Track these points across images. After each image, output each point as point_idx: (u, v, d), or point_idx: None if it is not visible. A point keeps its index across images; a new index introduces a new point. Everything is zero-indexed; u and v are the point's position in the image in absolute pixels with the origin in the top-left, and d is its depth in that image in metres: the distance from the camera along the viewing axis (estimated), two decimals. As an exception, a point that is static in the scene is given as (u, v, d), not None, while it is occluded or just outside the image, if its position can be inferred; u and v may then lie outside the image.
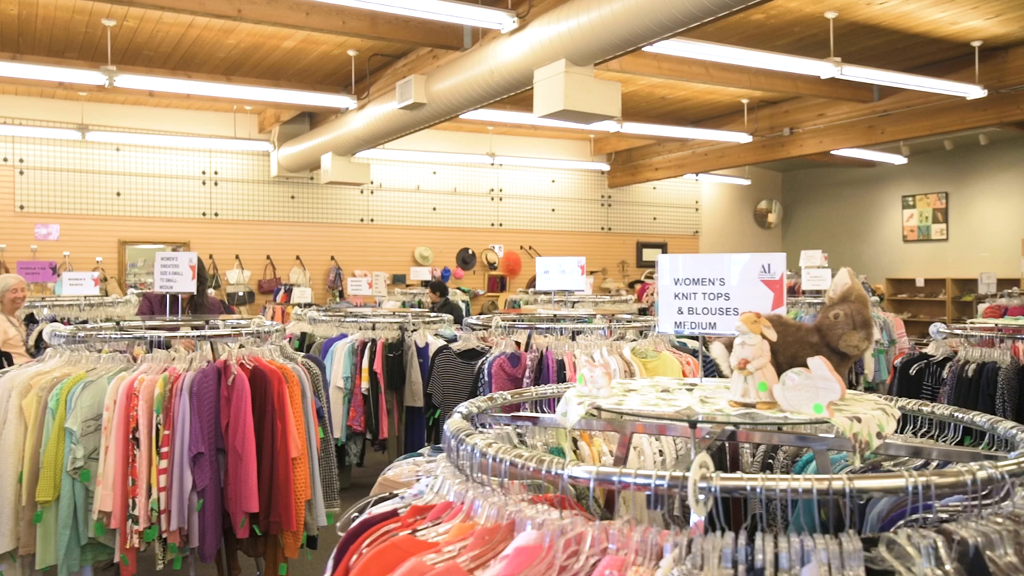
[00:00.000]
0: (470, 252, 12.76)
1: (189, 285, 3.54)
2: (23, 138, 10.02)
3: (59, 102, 10.09)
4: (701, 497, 1.15)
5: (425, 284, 10.62)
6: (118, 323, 3.45)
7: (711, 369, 3.93)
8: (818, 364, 1.40)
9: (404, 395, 5.59)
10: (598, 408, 1.58)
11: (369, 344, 5.48)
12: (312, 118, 10.91)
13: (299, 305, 9.13)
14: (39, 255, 9.91)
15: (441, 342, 5.66)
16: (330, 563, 1.50)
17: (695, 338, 2.36)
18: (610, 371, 1.74)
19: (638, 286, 12.17)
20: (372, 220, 12.16)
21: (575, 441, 2.09)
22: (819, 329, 1.58)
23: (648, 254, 14.05)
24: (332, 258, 11.81)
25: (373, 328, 5.77)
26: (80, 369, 3.11)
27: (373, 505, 1.59)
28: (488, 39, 6.76)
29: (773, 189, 15.51)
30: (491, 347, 4.13)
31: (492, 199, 13.02)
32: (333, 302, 10.83)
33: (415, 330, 5.75)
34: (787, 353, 1.56)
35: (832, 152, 10.95)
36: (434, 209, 12.57)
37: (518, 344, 4.12)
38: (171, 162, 10.89)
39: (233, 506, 3.13)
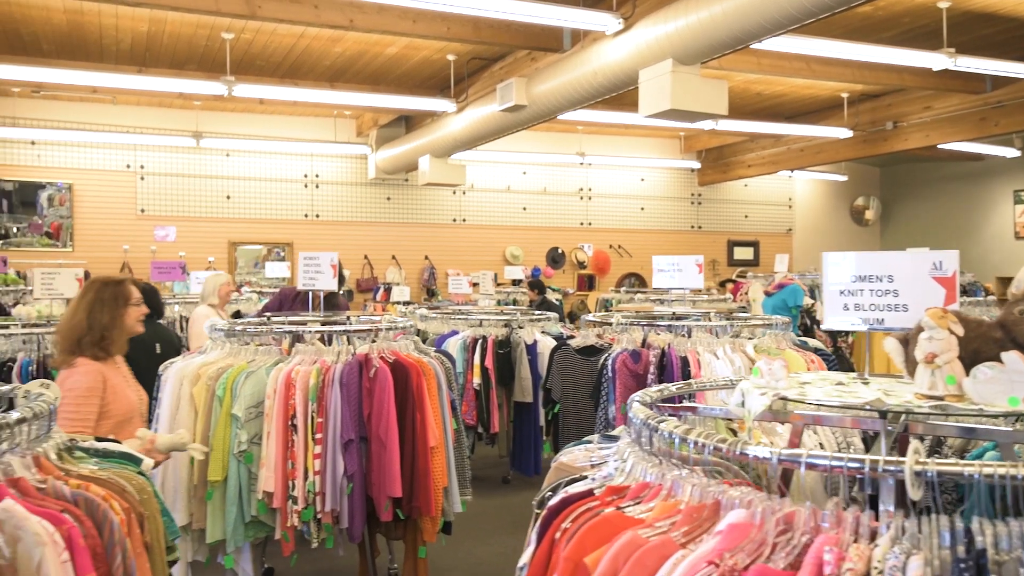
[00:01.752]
0: (560, 251, 12.87)
1: (331, 283, 3.77)
2: (144, 146, 10.69)
3: (176, 111, 10.72)
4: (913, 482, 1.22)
5: (515, 283, 10.79)
6: (269, 319, 3.70)
7: (832, 366, 3.91)
8: (1013, 358, 1.44)
9: (513, 391, 5.74)
10: (783, 399, 1.66)
11: (480, 340, 5.66)
12: (408, 121, 11.23)
13: (400, 303, 9.45)
14: (157, 255, 10.56)
15: (549, 339, 5.79)
16: (533, 536, 1.63)
17: (852, 333, 2.39)
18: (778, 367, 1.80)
19: (730, 285, 12.01)
20: (464, 220, 12.42)
21: (733, 432, 2.17)
22: (1003, 325, 1.61)
23: (739, 252, 13.84)
24: (426, 257, 12.12)
25: (480, 325, 5.95)
26: (241, 360, 3.37)
27: (566, 485, 1.71)
28: (589, 40, 6.84)
29: (871, 185, 15.02)
30: (609, 344, 4.22)
31: (581, 198, 13.09)
32: (427, 301, 11.12)
33: (520, 327, 5.90)
34: (969, 348, 1.59)
35: (938, 146, 10.54)
36: (524, 209, 12.73)
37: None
38: (276, 166, 11.41)
39: (377, 491, 3.33)
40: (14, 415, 1.64)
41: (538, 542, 1.59)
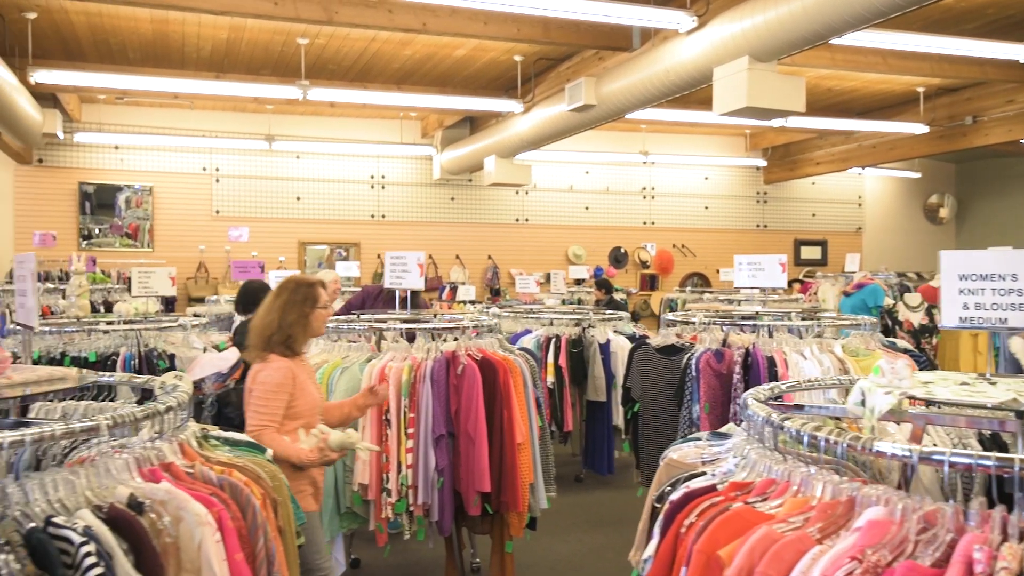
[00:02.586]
0: (622, 251, 12.82)
1: (418, 282, 3.85)
2: (219, 149, 11.05)
3: (249, 115, 11.05)
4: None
5: (578, 282, 10.79)
6: (358, 315, 3.81)
7: (923, 367, 3.82)
8: None
9: (586, 389, 5.76)
10: (911, 397, 1.65)
11: (554, 339, 5.69)
12: (472, 122, 11.34)
13: (466, 302, 9.56)
14: (232, 255, 10.91)
15: (622, 338, 5.80)
16: (657, 530, 1.66)
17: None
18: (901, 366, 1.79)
19: (797, 285, 11.78)
20: (527, 220, 12.48)
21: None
22: None
23: (806, 252, 13.56)
24: (489, 257, 12.22)
25: (551, 324, 5.99)
26: (335, 356, 3.48)
27: (685, 481, 1.73)
28: (660, 39, 6.81)
29: (946, 182, 14.52)
30: (690, 343, 4.20)
31: (644, 197, 13.01)
32: (491, 300, 11.21)
33: (591, 326, 5.91)
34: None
35: (1021, 141, 10.14)
36: (587, 208, 12.72)
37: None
38: (344, 167, 11.66)
39: (465, 486, 3.40)
40: (162, 404, 1.74)
41: (662, 535, 1.62)
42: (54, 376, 1.84)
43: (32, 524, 1.36)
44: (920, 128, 10.14)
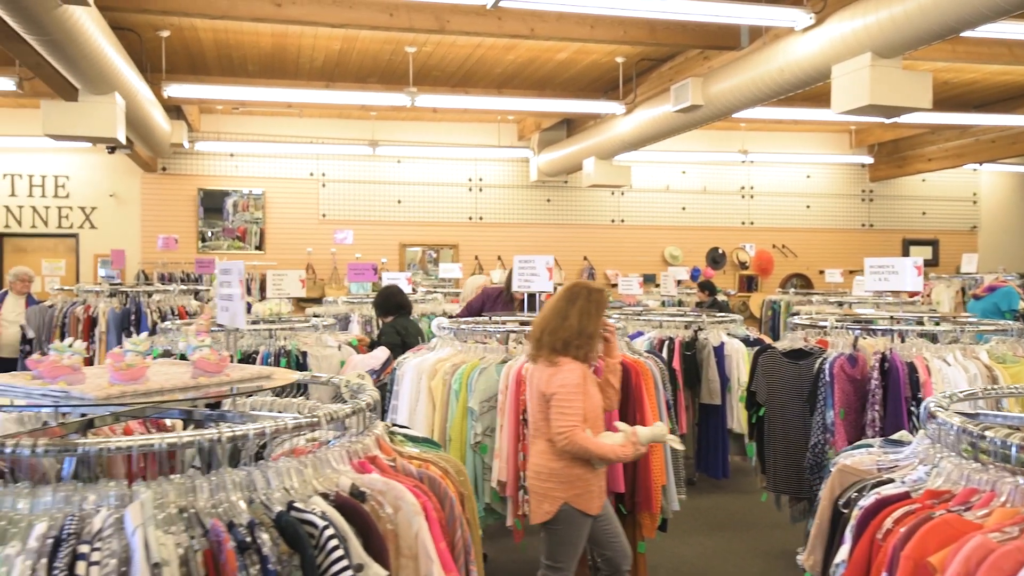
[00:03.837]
0: (720, 251, 12.62)
1: (547, 285, 3.93)
2: (325, 155, 11.50)
3: (354, 122, 11.45)
4: None
5: (678, 283, 10.68)
6: (490, 318, 3.93)
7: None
8: None
9: (699, 392, 5.73)
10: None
11: (667, 342, 5.68)
12: (569, 124, 11.40)
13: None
14: (337, 257, 11.33)
15: (737, 341, 5.73)
16: (849, 535, 1.67)
17: None
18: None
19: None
20: (623, 221, 12.45)
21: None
22: None
23: (916, 251, 12.99)
24: (585, 258, 12.25)
25: (660, 326, 5.98)
26: (471, 357, 3.60)
27: (873, 487, 1.74)
28: (771, 37, 6.69)
29: (1071, 177, 13.65)
30: (818, 348, 4.14)
31: (743, 197, 12.77)
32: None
33: (701, 329, 5.87)
34: None
35: None
36: (683, 208, 12.58)
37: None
38: (443, 171, 11.93)
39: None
40: (363, 402, 1.88)
41: (855, 540, 1.64)
42: (262, 374, 2.00)
43: (279, 508, 1.50)
44: (1047, 121, 9.58)
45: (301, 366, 4.50)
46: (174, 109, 9.83)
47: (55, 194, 10.84)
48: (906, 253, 13.02)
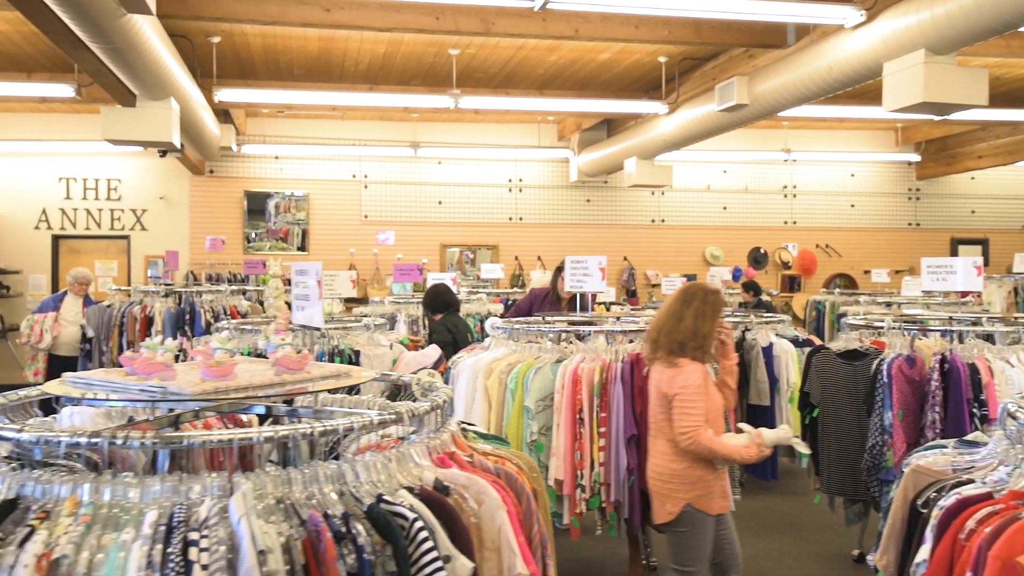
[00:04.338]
0: (762, 251, 12.49)
1: (599, 285, 3.96)
2: (367, 157, 11.65)
3: (396, 124, 11.57)
4: None
5: (723, 283, 10.59)
6: (544, 319, 3.96)
7: None
8: None
9: (747, 393, 5.69)
10: None
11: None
12: (609, 125, 11.38)
13: (604, 304, 9.61)
14: (379, 258, 11.46)
15: (786, 342, 5.68)
16: (929, 535, 1.67)
17: None
18: None
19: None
20: (663, 221, 12.39)
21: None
22: None
23: (964, 251, 12.70)
24: (625, 258, 12.22)
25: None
26: (527, 356, 3.64)
27: (952, 488, 1.74)
28: (819, 35, 6.62)
29: None
30: (874, 348, 4.10)
31: (785, 196, 12.62)
32: (627, 301, 11.20)
33: (748, 329, 5.83)
34: None
35: None
36: (724, 208, 12.48)
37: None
38: (483, 172, 11.99)
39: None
40: (440, 398, 1.92)
41: (936, 540, 1.64)
42: (340, 372, 2.06)
43: (369, 501, 1.55)
44: (1104, 117, 9.31)
45: (353, 365, 4.59)
46: (222, 113, 10.04)
47: (108, 197, 11.15)
48: (954, 253, 12.75)
